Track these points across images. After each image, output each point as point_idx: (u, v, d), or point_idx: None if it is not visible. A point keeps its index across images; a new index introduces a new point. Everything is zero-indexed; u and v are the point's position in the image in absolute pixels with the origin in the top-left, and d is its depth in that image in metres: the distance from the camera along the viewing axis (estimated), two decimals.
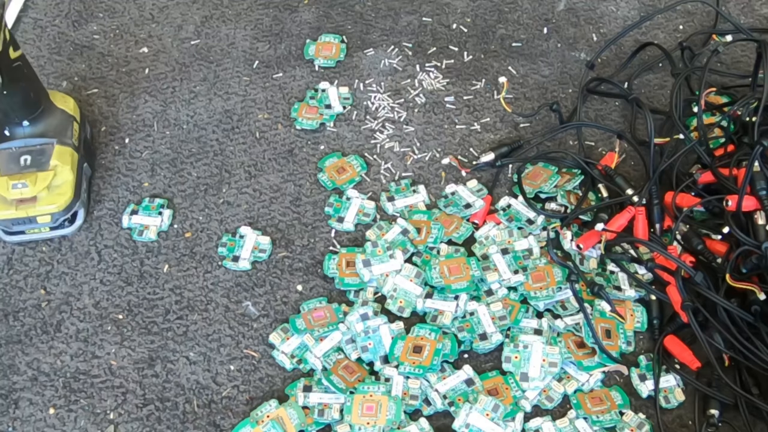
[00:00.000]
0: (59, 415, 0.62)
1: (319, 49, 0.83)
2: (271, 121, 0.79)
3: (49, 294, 0.68)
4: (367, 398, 0.59)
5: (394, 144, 0.76)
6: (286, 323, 0.65)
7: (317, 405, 0.59)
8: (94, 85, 0.82)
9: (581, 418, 0.59)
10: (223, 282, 0.68)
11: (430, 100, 0.80)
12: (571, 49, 0.83)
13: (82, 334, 0.66)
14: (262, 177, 0.75)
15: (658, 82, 0.80)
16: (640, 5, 0.87)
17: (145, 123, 0.79)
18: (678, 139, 0.70)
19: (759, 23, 0.84)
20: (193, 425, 0.61)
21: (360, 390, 0.59)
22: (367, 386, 0.59)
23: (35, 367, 0.64)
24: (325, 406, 0.59)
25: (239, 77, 0.82)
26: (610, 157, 0.72)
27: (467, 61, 0.83)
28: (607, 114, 0.78)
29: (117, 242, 0.71)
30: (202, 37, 0.86)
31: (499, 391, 0.60)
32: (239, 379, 0.63)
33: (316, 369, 0.62)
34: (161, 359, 0.64)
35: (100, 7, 0.89)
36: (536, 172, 0.72)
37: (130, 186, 0.74)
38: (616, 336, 0.62)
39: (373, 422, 0.58)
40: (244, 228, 0.70)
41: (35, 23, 0.88)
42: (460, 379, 0.60)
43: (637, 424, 0.58)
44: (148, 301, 0.67)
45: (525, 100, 0.79)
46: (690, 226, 0.65)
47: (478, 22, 0.86)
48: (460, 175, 0.74)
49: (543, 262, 0.66)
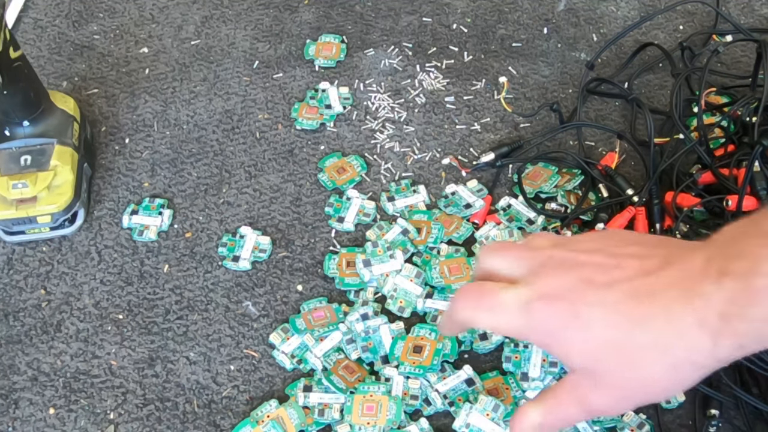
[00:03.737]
0: (59, 415, 0.62)
1: (319, 49, 0.84)
2: (271, 121, 0.79)
3: (49, 294, 0.68)
4: (368, 398, 0.59)
5: (394, 144, 0.76)
6: (287, 323, 0.65)
7: (317, 405, 0.59)
8: (94, 85, 0.82)
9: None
10: (223, 282, 0.68)
11: (430, 100, 0.80)
12: (571, 49, 0.83)
13: (82, 334, 0.66)
14: (262, 177, 0.75)
15: (658, 82, 0.80)
16: (640, 5, 0.87)
17: (145, 123, 0.79)
18: (678, 139, 0.70)
19: (759, 23, 0.84)
20: (193, 425, 0.61)
21: (360, 390, 0.59)
22: (367, 386, 0.59)
23: (35, 367, 0.64)
24: (325, 406, 0.59)
25: (239, 77, 0.82)
26: (610, 157, 0.72)
27: (467, 61, 0.83)
28: (607, 114, 0.78)
29: (117, 242, 0.71)
30: (203, 37, 0.86)
31: (500, 391, 0.60)
32: (239, 379, 0.63)
33: (316, 369, 0.62)
34: (161, 359, 0.64)
35: (100, 8, 0.89)
36: (536, 172, 0.73)
37: (130, 186, 0.74)
38: None
39: (374, 422, 0.58)
40: (244, 228, 0.70)
41: (35, 23, 0.88)
42: (461, 379, 0.60)
43: (637, 424, 0.58)
44: (148, 301, 0.67)
45: (525, 100, 0.79)
46: (690, 226, 0.65)
47: (478, 22, 0.86)
48: (460, 175, 0.74)
49: None
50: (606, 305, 0.42)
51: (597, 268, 0.44)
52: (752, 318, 0.39)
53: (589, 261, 0.44)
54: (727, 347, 0.40)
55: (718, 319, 0.39)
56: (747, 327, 0.39)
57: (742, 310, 0.39)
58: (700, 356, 0.41)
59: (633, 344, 0.41)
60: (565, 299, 0.43)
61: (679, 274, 0.41)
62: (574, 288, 0.43)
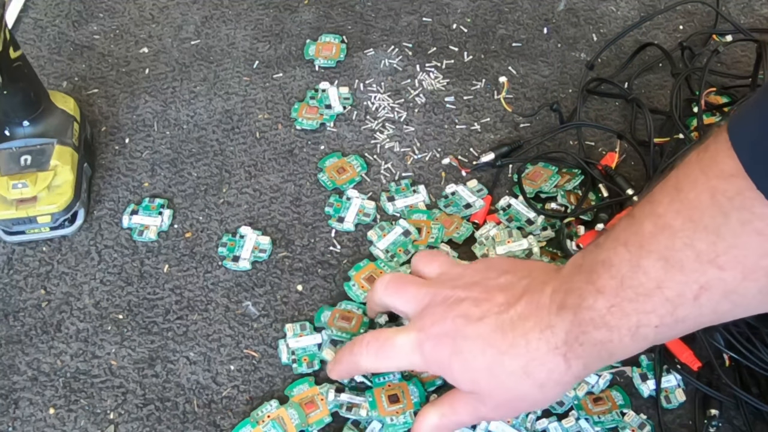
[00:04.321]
0: (59, 415, 0.62)
1: (319, 49, 0.84)
2: (271, 121, 0.79)
3: (49, 294, 0.68)
4: (387, 389, 0.59)
5: (394, 144, 0.76)
6: (307, 322, 0.65)
7: (346, 402, 0.59)
8: (94, 85, 0.82)
9: (583, 419, 0.58)
10: (223, 282, 0.68)
11: (430, 100, 0.80)
12: (571, 49, 0.83)
13: (82, 334, 0.66)
14: (262, 177, 0.75)
15: (658, 82, 0.80)
16: (640, 5, 0.87)
17: (145, 123, 0.79)
18: (678, 139, 0.70)
19: (759, 23, 0.84)
20: (193, 425, 0.61)
21: (376, 383, 0.59)
22: (381, 378, 0.60)
23: (35, 367, 0.64)
24: (354, 406, 0.59)
25: (239, 77, 0.82)
26: (611, 157, 0.72)
27: (467, 61, 0.83)
28: (607, 114, 0.78)
29: (117, 242, 0.71)
30: (202, 37, 0.86)
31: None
32: (239, 379, 0.63)
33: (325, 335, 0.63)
34: (161, 359, 0.64)
35: (100, 8, 0.89)
36: (536, 172, 0.73)
37: (130, 186, 0.74)
38: None
39: (402, 410, 0.58)
40: (244, 228, 0.70)
41: (35, 23, 0.88)
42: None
43: (638, 424, 0.58)
44: (148, 301, 0.67)
45: (525, 100, 0.79)
46: None
47: (478, 22, 0.86)
48: (460, 175, 0.74)
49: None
50: (480, 338, 0.50)
51: (472, 303, 0.52)
52: (586, 343, 0.47)
53: (467, 296, 0.53)
54: (577, 366, 0.48)
55: (564, 345, 0.47)
56: (584, 350, 0.47)
57: (578, 338, 0.47)
58: (558, 375, 0.49)
59: (503, 370, 0.50)
60: (447, 336, 0.52)
61: (532, 307, 0.50)
62: (454, 325, 0.52)
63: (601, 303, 0.46)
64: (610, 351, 0.47)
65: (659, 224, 0.45)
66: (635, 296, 0.45)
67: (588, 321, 0.46)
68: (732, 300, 0.43)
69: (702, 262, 0.42)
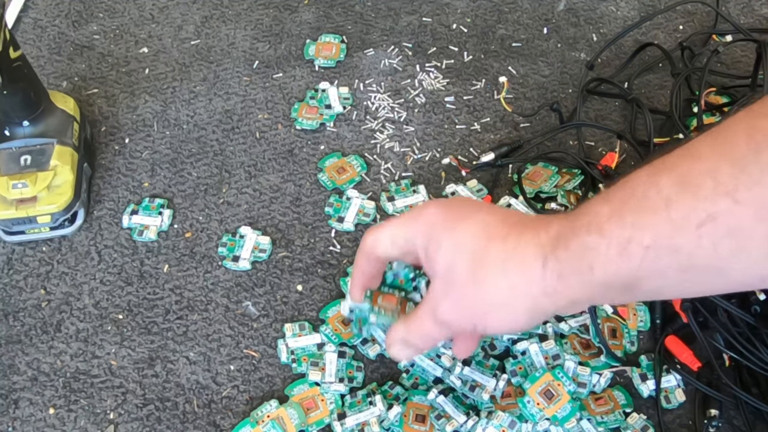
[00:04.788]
0: (59, 415, 0.62)
1: (319, 49, 0.84)
2: (271, 121, 0.79)
3: (49, 294, 0.68)
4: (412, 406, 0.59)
5: (394, 144, 0.76)
6: (306, 322, 0.65)
7: (356, 426, 0.59)
8: (94, 85, 0.82)
9: (585, 419, 0.58)
10: (223, 282, 0.68)
11: (430, 100, 0.80)
12: (571, 49, 0.83)
13: (82, 334, 0.66)
14: (262, 177, 0.75)
15: (658, 82, 0.80)
16: (640, 5, 0.87)
17: (145, 123, 0.79)
18: (678, 139, 0.70)
19: (759, 23, 0.84)
20: (193, 425, 0.61)
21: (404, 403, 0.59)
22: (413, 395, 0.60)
23: (35, 367, 0.64)
24: (363, 425, 0.59)
25: (239, 77, 0.82)
26: (611, 157, 0.72)
27: (467, 61, 0.83)
28: (607, 114, 0.78)
29: (117, 242, 0.71)
30: (202, 37, 0.86)
31: (554, 391, 0.58)
32: (239, 379, 0.63)
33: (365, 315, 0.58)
34: (161, 359, 0.64)
35: (100, 7, 0.89)
36: (536, 172, 0.73)
37: (130, 186, 0.74)
38: (621, 336, 0.62)
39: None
40: (244, 228, 0.70)
41: (35, 23, 0.88)
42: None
43: (641, 426, 0.58)
44: (148, 301, 0.67)
45: (525, 100, 0.79)
46: None
47: (478, 22, 0.86)
48: (460, 175, 0.74)
49: None
50: (482, 222, 0.49)
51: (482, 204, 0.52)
52: (572, 246, 0.45)
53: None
54: (552, 275, 0.45)
55: (549, 243, 0.46)
56: (567, 255, 0.45)
57: (567, 238, 0.45)
58: (530, 278, 0.46)
59: (484, 257, 0.48)
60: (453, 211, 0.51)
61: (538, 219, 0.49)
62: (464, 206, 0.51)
63: (603, 209, 0.44)
64: (591, 263, 0.44)
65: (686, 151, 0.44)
66: (638, 208, 0.43)
67: (584, 225, 0.44)
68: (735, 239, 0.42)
69: (718, 193, 0.41)
